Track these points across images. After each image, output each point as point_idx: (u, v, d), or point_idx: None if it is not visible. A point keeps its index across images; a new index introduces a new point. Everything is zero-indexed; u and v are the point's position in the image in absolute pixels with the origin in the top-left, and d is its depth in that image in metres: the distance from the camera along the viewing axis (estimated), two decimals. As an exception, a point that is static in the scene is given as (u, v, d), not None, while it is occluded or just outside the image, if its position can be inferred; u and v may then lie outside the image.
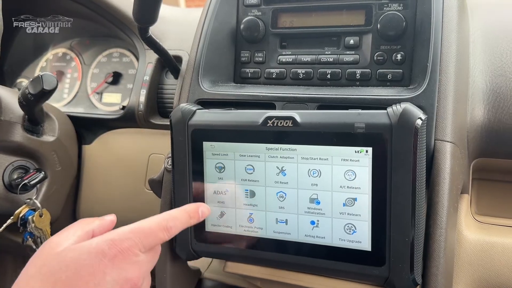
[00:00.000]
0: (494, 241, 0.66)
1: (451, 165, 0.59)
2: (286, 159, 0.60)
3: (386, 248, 0.57)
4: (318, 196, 0.59)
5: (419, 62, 0.64)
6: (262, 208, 0.63)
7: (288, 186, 0.61)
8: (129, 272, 0.46)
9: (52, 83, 0.77)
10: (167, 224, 0.51)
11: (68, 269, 0.44)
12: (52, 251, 0.46)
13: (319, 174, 0.59)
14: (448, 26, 0.64)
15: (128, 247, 0.47)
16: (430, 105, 0.60)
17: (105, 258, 0.45)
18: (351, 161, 0.57)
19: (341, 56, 0.71)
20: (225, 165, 0.63)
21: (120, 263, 0.45)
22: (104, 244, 0.46)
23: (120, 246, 0.46)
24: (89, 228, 0.51)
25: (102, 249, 0.45)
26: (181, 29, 0.99)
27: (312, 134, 0.58)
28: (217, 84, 0.75)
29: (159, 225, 0.50)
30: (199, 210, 0.57)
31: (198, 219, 0.57)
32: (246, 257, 0.66)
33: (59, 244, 0.47)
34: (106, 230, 0.53)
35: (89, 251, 0.45)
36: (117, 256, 0.45)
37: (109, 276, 0.44)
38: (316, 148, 0.58)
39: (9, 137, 0.84)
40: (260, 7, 0.76)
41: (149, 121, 0.96)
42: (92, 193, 1.04)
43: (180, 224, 0.53)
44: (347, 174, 0.57)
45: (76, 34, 1.16)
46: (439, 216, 0.58)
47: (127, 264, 0.46)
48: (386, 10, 0.68)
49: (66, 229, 0.51)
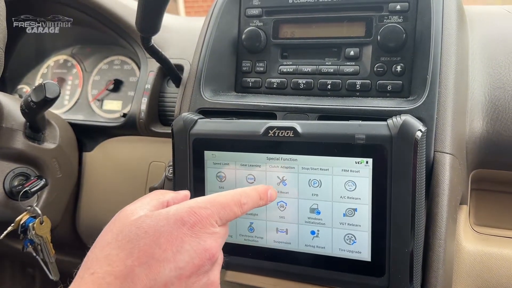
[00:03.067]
0: (492, 252, 0.66)
1: (450, 176, 0.60)
2: (287, 169, 0.60)
3: (385, 259, 0.57)
4: (318, 206, 0.60)
5: (418, 74, 0.65)
6: (263, 218, 0.63)
7: (288, 196, 0.61)
8: (207, 242, 0.44)
9: (55, 92, 0.77)
10: (241, 199, 0.49)
11: (147, 236, 0.42)
12: (128, 219, 0.45)
13: (319, 184, 0.59)
14: (447, 38, 0.65)
15: (207, 216, 0.45)
16: (429, 117, 0.60)
17: (184, 226, 0.43)
18: (351, 171, 0.57)
19: (342, 67, 0.71)
20: (226, 174, 0.64)
21: (199, 232, 0.44)
22: (183, 211, 0.44)
23: (199, 214, 0.45)
24: (164, 199, 0.51)
25: (181, 216, 0.44)
26: (183, 38, 1.00)
27: (313, 144, 0.59)
28: (218, 94, 0.76)
29: (234, 199, 0.48)
30: (268, 192, 0.55)
31: (267, 202, 0.54)
32: (246, 266, 0.66)
33: (134, 212, 0.46)
34: (180, 202, 0.50)
35: (167, 217, 0.44)
36: (196, 225, 0.44)
37: (187, 245, 0.43)
38: (317, 159, 0.59)
39: (10, 144, 0.85)
40: (262, 18, 0.77)
41: (150, 129, 0.96)
42: (92, 200, 1.05)
43: (251, 202, 0.51)
44: (347, 184, 0.58)
45: (78, 41, 1.17)
46: (438, 227, 0.59)
47: (206, 233, 0.44)
48: (386, 22, 0.69)
49: (140, 199, 0.50)
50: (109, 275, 0.40)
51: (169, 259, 0.42)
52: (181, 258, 0.42)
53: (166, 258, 0.41)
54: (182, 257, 0.42)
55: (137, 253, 0.41)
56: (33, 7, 1.10)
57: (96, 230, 0.48)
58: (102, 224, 0.56)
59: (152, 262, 0.41)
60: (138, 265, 0.41)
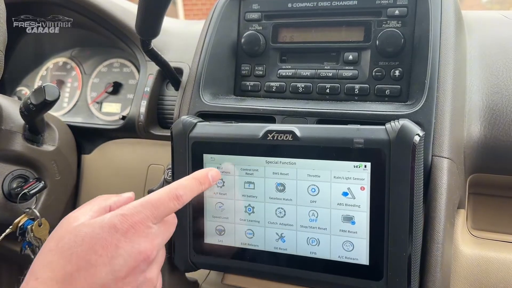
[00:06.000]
0: (490, 256, 0.67)
1: (448, 180, 0.60)
2: (286, 175, 0.61)
3: (383, 262, 0.57)
4: (317, 211, 0.60)
5: (417, 78, 0.65)
6: (262, 224, 0.63)
7: (287, 203, 0.61)
8: (141, 245, 0.47)
9: (54, 94, 0.77)
10: (177, 192, 0.52)
11: (83, 243, 0.46)
12: (70, 226, 0.48)
13: (317, 190, 0.59)
14: (445, 43, 0.65)
15: (139, 220, 0.48)
16: (427, 122, 0.61)
17: (117, 233, 0.46)
18: (349, 175, 0.58)
19: (340, 71, 0.72)
20: (224, 178, 0.64)
21: (133, 236, 0.47)
22: (115, 218, 0.47)
23: (131, 220, 0.48)
24: (106, 204, 0.53)
25: (114, 223, 0.47)
26: (183, 41, 1.00)
27: (312, 148, 0.59)
28: (218, 97, 0.76)
29: (169, 194, 0.51)
30: (209, 175, 0.57)
31: (210, 184, 0.57)
32: (245, 269, 0.66)
33: (76, 219, 0.50)
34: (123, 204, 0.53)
35: (101, 225, 0.47)
36: (129, 230, 0.47)
37: (122, 250, 0.46)
38: (315, 162, 0.59)
39: (9, 146, 0.85)
40: (261, 22, 0.77)
41: (149, 131, 0.96)
42: (90, 202, 1.05)
43: (190, 191, 0.54)
44: (345, 188, 0.58)
45: (77, 43, 1.17)
46: (436, 231, 0.59)
47: (140, 237, 0.48)
48: (385, 27, 0.69)
49: (84, 205, 0.53)
50: (51, 281, 0.44)
51: (105, 263, 0.45)
52: (116, 262, 0.46)
53: (102, 262, 0.45)
54: (117, 261, 0.46)
55: (76, 260, 0.45)
56: (32, 9, 1.11)
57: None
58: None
59: (89, 267, 0.45)
60: (76, 270, 0.44)
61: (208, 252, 0.67)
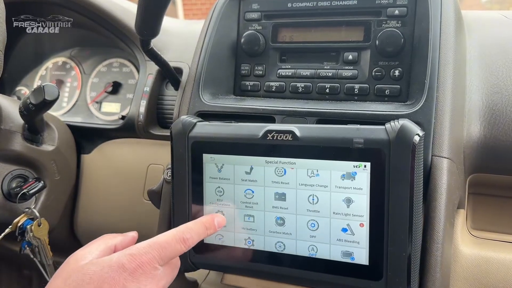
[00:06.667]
0: (489, 256, 0.67)
1: (448, 180, 0.60)
2: (285, 182, 0.61)
3: (383, 262, 0.57)
4: (316, 221, 0.60)
5: (416, 78, 0.65)
6: (261, 233, 0.63)
7: (287, 211, 0.61)
8: (147, 285, 0.49)
9: (54, 94, 0.77)
10: (183, 235, 0.53)
11: (92, 281, 0.47)
12: (77, 264, 0.50)
13: (317, 200, 0.59)
14: (445, 43, 0.65)
15: (147, 261, 0.49)
16: (427, 122, 0.61)
17: (125, 272, 0.48)
18: (349, 175, 0.58)
19: (340, 71, 0.72)
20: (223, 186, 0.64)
21: (140, 276, 0.48)
22: (124, 258, 0.49)
23: (139, 260, 0.49)
24: (111, 243, 0.55)
25: (123, 263, 0.48)
26: (182, 41, 1.00)
27: (311, 148, 0.59)
28: (217, 97, 0.76)
29: (175, 237, 0.53)
30: (215, 221, 0.59)
31: (215, 230, 0.59)
32: (244, 269, 0.66)
33: (84, 257, 0.51)
34: (127, 245, 0.56)
35: (110, 264, 0.48)
36: (137, 270, 0.48)
37: None
38: (315, 162, 0.59)
39: (8, 146, 0.85)
40: (261, 21, 0.77)
41: (149, 131, 0.96)
42: (90, 202, 1.05)
43: (196, 235, 0.55)
44: (345, 188, 0.58)
45: (76, 43, 1.17)
46: (436, 231, 0.59)
47: (146, 278, 0.49)
48: (385, 27, 0.69)
49: (90, 243, 0.55)
50: None
51: None
52: None
53: None
54: None
55: None
56: (32, 9, 1.10)
57: (93, 232, 0.49)
58: (100, 226, 0.57)
59: None
60: None
61: (207, 252, 0.66)
